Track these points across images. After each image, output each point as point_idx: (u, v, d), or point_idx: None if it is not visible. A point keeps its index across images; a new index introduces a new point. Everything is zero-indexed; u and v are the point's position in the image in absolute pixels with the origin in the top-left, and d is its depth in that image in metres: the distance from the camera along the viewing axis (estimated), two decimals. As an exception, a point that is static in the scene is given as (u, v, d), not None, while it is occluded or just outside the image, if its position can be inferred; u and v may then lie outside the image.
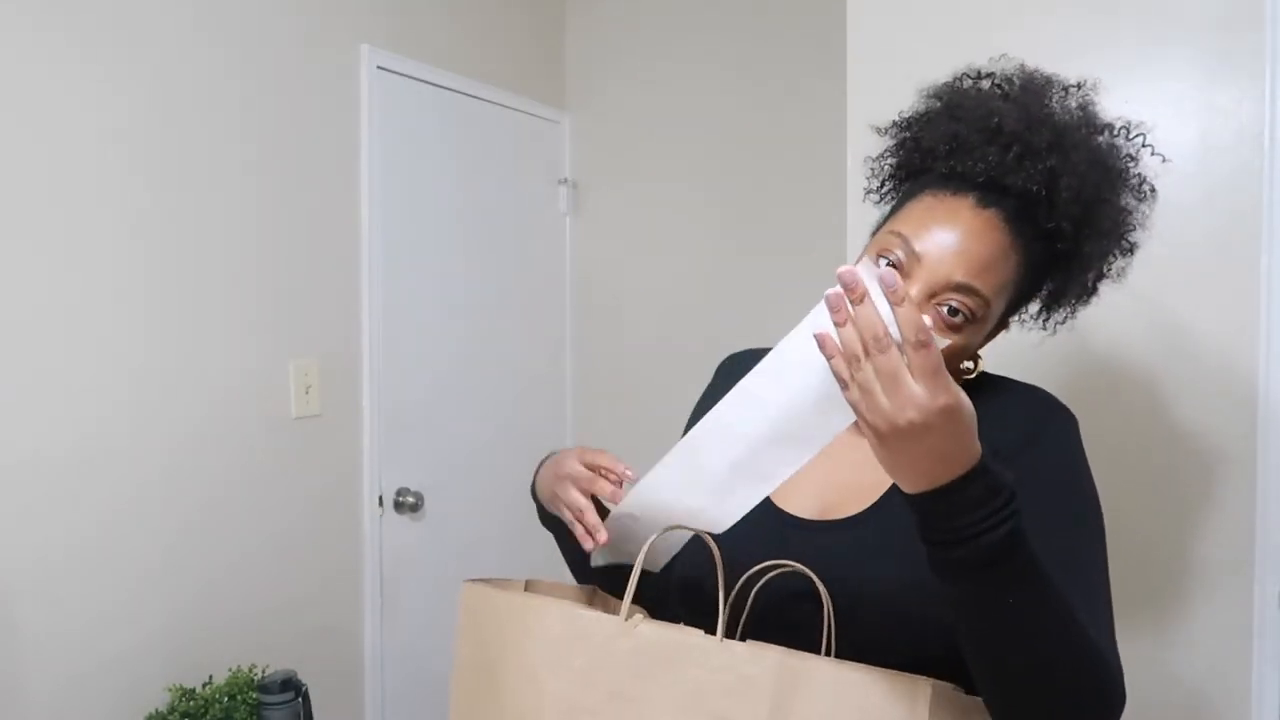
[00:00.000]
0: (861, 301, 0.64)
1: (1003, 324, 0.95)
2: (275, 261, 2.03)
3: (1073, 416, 0.93)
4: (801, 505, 0.94)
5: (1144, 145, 0.94)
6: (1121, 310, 1.50)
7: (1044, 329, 1.01)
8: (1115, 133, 0.93)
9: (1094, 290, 0.97)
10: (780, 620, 0.85)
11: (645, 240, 2.83)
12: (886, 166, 1.02)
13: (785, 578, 0.82)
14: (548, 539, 1.07)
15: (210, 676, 1.82)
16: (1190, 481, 1.46)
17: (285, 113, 2.05)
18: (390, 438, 2.32)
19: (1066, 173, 0.87)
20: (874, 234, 0.95)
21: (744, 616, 0.85)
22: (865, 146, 1.06)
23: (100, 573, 1.70)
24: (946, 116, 0.93)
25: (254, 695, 1.74)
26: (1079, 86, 0.94)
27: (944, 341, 0.75)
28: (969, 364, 0.93)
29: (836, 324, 0.65)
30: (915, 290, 0.85)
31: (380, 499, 2.30)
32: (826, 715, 0.75)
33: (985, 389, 0.95)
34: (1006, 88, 0.94)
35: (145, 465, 1.77)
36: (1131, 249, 0.95)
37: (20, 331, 1.59)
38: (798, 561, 0.83)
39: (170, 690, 1.72)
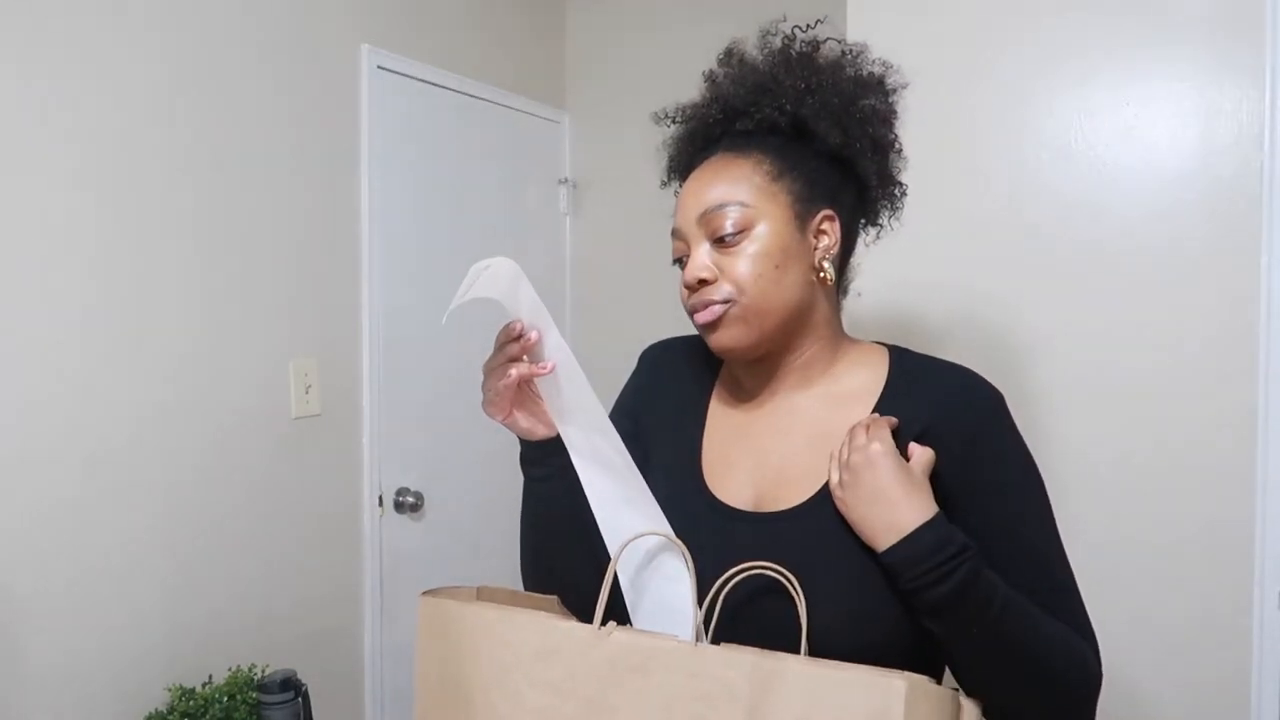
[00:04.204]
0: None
1: (848, 242, 0.99)
2: (275, 261, 2.03)
3: (1000, 395, 0.94)
4: (737, 495, 0.95)
5: (791, 32, 1.01)
6: (1121, 310, 1.50)
7: (879, 225, 1.05)
8: (809, 43, 1.00)
9: (895, 178, 1.02)
10: (746, 620, 0.85)
11: (645, 240, 2.83)
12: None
13: (749, 576, 0.83)
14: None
15: (210, 676, 1.82)
16: (1190, 481, 1.46)
17: (285, 112, 2.05)
18: (390, 438, 2.32)
19: (734, 83, 0.99)
20: None
21: (714, 620, 0.84)
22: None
23: (100, 573, 1.69)
24: (678, 123, 1.06)
25: (254, 695, 1.74)
26: (799, 28, 1.02)
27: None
28: (822, 274, 0.95)
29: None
30: (694, 250, 0.94)
31: (380, 499, 2.30)
32: (803, 715, 0.75)
33: (914, 371, 0.97)
34: (720, 67, 1.04)
35: (145, 465, 1.77)
36: (892, 110, 1.01)
37: (19, 334, 1.59)
38: (744, 555, 0.83)
39: (170, 690, 1.72)
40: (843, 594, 0.85)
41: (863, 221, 1.03)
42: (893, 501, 0.82)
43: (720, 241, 0.93)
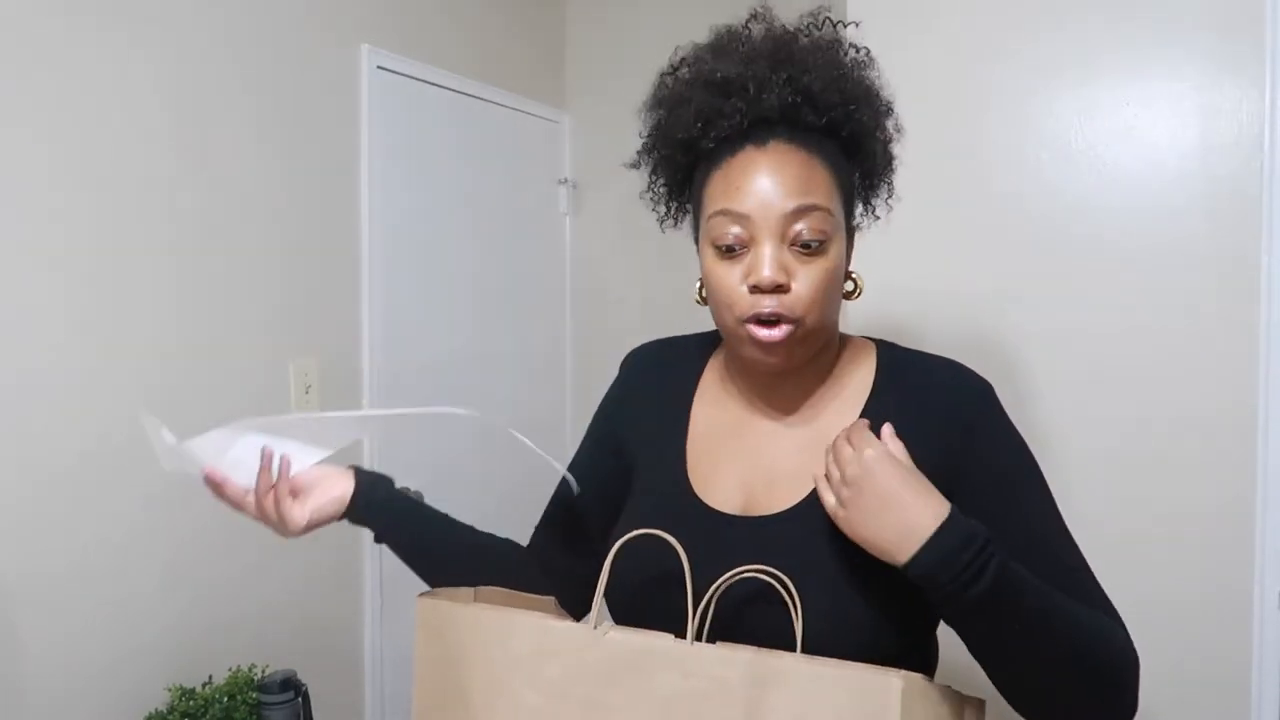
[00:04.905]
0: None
1: (850, 232, 0.95)
2: (275, 261, 2.02)
3: (989, 385, 0.93)
4: (725, 499, 0.93)
5: (833, 24, 0.96)
6: (1122, 310, 1.50)
7: (875, 215, 1.01)
8: (820, 24, 0.95)
9: (891, 156, 0.97)
10: (737, 629, 0.83)
11: (645, 240, 2.83)
12: (661, 188, 1.03)
13: (738, 581, 0.81)
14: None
15: (210, 676, 1.81)
16: (1190, 481, 1.46)
17: (285, 113, 2.05)
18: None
19: (805, 73, 0.89)
20: (695, 235, 0.96)
21: (706, 627, 0.83)
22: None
23: (100, 573, 1.69)
24: (676, 106, 0.95)
25: (254, 695, 1.74)
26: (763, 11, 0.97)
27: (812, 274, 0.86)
28: (849, 284, 0.94)
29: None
30: (767, 246, 0.85)
31: (380, 499, 2.29)
32: (801, 713, 0.75)
33: (902, 366, 0.96)
34: (705, 55, 0.97)
35: (145, 466, 1.76)
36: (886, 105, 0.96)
37: (19, 334, 1.59)
38: (733, 560, 0.82)
39: (170, 690, 1.72)
40: (835, 598, 0.84)
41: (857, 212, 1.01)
42: (904, 505, 0.77)
43: (804, 246, 0.85)
